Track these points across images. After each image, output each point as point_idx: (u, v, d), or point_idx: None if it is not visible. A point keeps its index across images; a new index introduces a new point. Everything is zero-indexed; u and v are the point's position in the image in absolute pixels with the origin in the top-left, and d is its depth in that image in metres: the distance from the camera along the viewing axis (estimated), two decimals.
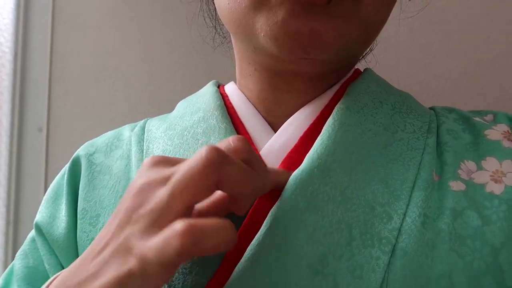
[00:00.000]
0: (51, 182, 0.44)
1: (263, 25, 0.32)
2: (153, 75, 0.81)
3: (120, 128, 0.45)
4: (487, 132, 0.35)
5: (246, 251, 0.29)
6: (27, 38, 0.85)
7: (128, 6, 0.82)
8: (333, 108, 0.35)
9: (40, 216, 0.41)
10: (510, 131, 0.35)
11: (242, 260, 0.28)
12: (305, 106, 0.37)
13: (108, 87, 0.82)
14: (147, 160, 0.29)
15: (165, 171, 0.27)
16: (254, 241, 0.29)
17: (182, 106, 0.43)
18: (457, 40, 0.69)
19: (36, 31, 0.85)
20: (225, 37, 0.50)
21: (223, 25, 0.48)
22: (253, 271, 0.28)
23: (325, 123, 0.34)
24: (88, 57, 0.83)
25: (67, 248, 0.38)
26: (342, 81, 0.39)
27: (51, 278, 0.32)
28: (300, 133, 0.35)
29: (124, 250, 0.25)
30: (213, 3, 0.43)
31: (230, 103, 0.40)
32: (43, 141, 0.83)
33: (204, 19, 0.49)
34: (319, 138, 0.33)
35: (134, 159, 0.39)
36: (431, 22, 0.70)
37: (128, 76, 0.82)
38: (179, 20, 0.79)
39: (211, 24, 0.49)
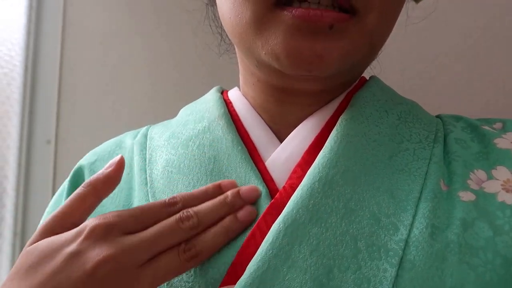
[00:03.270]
0: None
1: (264, 44, 0.32)
2: (159, 88, 0.81)
3: (121, 136, 0.45)
4: (496, 141, 0.35)
5: (248, 266, 0.28)
6: (37, 52, 0.86)
7: (134, 20, 0.83)
8: (337, 119, 0.35)
9: None
10: None
11: (244, 276, 0.28)
12: (309, 118, 0.36)
13: (115, 100, 0.83)
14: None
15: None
16: (256, 256, 0.28)
17: (185, 113, 0.42)
18: (461, 53, 0.69)
19: (46, 45, 0.86)
20: (231, 43, 0.50)
21: None
22: (256, 287, 0.27)
23: (329, 135, 0.34)
24: (96, 71, 0.84)
25: None
26: (347, 90, 0.38)
27: None
28: (305, 146, 0.35)
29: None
30: None
31: (234, 110, 0.39)
32: (52, 153, 0.83)
33: (210, 27, 0.49)
34: (321, 151, 0.32)
35: (136, 168, 0.39)
36: (435, 35, 0.70)
37: (135, 89, 0.82)
38: (184, 33, 0.80)
39: (217, 31, 0.49)
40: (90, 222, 0.28)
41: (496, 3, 0.68)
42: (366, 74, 0.41)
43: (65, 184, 0.42)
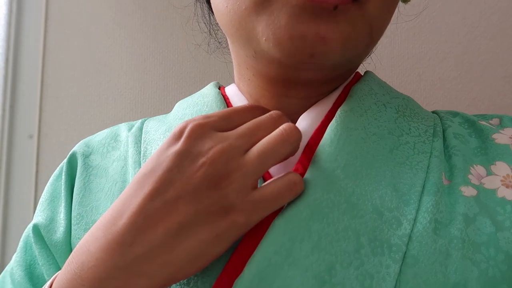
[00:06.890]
0: (41, 190, 0.42)
1: (264, 29, 0.30)
2: (145, 83, 0.80)
3: (116, 127, 0.44)
4: (494, 136, 0.35)
5: (247, 263, 0.27)
6: (18, 44, 0.84)
7: (120, 13, 0.82)
8: (335, 112, 0.34)
9: (37, 218, 0.39)
10: None
11: (244, 272, 0.27)
12: (308, 111, 0.36)
13: (99, 94, 0.81)
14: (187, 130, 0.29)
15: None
16: (255, 253, 0.27)
17: (181, 107, 0.41)
18: (449, 51, 0.70)
19: (28, 37, 0.84)
20: (220, 42, 0.49)
21: (218, 30, 0.47)
22: (256, 285, 0.26)
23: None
24: (80, 64, 0.82)
25: (66, 255, 0.36)
26: (344, 84, 0.38)
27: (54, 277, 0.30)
28: (304, 141, 0.34)
29: (220, 209, 0.27)
30: (208, 7, 0.42)
31: (232, 106, 0.38)
32: (34, 148, 0.81)
33: (199, 24, 0.47)
34: (320, 144, 0.32)
35: (130, 160, 0.38)
36: (424, 33, 0.71)
37: (120, 83, 0.81)
38: (171, 27, 0.79)
39: (206, 29, 0.47)
40: (185, 124, 0.29)
41: (484, 1, 0.69)
42: (361, 71, 0.41)
43: (62, 173, 0.41)
